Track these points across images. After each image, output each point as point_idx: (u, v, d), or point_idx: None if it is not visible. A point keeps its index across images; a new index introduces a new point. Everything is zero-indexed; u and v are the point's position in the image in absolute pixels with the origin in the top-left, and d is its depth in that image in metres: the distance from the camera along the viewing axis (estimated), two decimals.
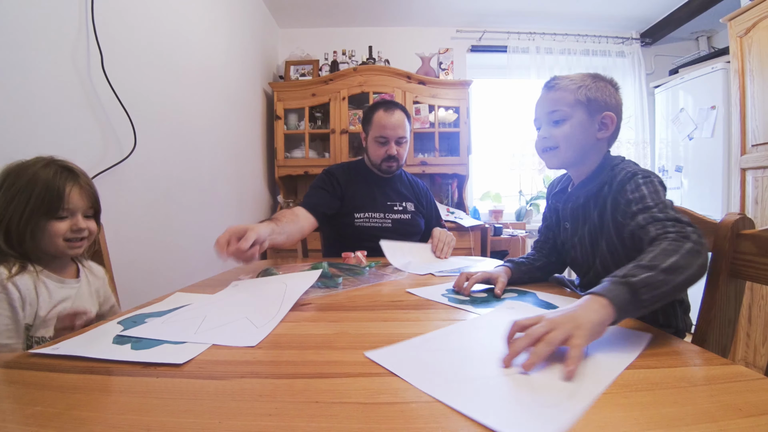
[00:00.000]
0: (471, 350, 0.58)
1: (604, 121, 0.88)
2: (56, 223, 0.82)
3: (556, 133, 0.91)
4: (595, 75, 0.92)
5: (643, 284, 0.58)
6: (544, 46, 3.17)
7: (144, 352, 0.57)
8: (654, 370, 0.50)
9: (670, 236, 0.67)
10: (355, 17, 3.10)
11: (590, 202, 0.92)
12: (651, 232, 0.72)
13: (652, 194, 0.78)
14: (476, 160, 3.09)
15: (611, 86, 0.92)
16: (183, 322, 0.71)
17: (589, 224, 0.93)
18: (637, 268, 0.60)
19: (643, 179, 0.81)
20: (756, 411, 0.39)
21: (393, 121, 1.52)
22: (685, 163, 2.74)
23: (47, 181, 0.80)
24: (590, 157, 0.92)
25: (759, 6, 2.00)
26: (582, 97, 0.88)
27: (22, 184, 0.79)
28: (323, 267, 1.12)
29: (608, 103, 0.89)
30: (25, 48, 1.00)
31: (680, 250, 0.63)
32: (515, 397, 0.44)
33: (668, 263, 0.60)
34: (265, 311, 0.76)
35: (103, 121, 1.26)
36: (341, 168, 1.66)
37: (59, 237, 0.83)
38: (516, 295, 0.88)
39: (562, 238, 1.03)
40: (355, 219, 1.56)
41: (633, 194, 0.80)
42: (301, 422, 0.39)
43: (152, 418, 0.40)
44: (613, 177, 0.86)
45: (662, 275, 0.59)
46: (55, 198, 0.81)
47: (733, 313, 0.73)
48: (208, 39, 2.00)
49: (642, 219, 0.75)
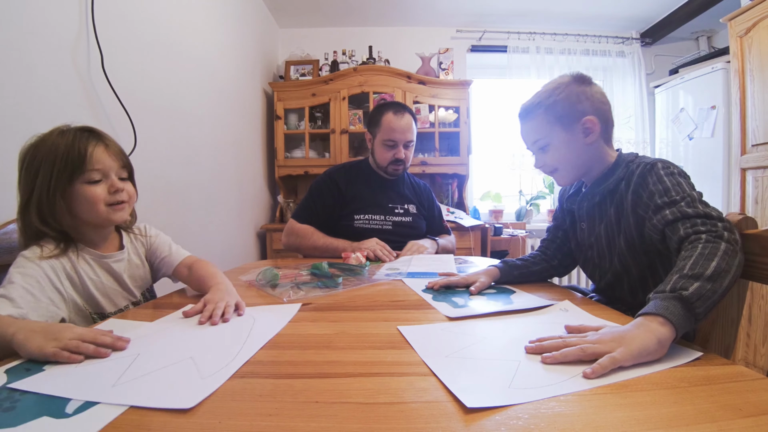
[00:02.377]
0: (496, 338, 0.62)
1: (585, 127, 0.88)
2: (91, 188, 0.77)
3: (548, 160, 0.93)
4: (558, 85, 0.90)
5: (697, 297, 0.55)
6: (544, 46, 3.16)
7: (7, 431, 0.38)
8: (654, 370, 0.49)
9: (703, 236, 0.64)
10: (355, 17, 3.10)
11: (606, 199, 0.91)
12: (680, 231, 0.68)
13: (676, 186, 0.75)
14: (476, 160, 3.09)
15: (579, 85, 0.90)
16: (101, 366, 0.53)
17: (606, 222, 0.91)
18: (683, 279, 0.57)
19: (664, 170, 0.79)
20: (756, 411, 0.39)
21: (402, 125, 1.52)
22: (685, 163, 2.74)
23: (67, 144, 0.76)
24: (594, 161, 0.92)
25: (759, 6, 2.00)
26: (552, 118, 0.89)
27: (43, 154, 0.75)
28: (323, 267, 1.12)
29: (581, 109, 0.88)
30: (25, 48, 1.00)
31: (718, 252, 0.60)
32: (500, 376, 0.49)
33: (711, 270, 0.58)
34: (220, 352, 0.57)
35: (103, 121, 1.26)
36: (343, 170, 1.66)
37: (99, 202, 0.78)
38: (494, 292, 0.92)
39: (578, 239, 1.01)
40: (355, 220, 1.56)
41: (656, 186, 0.77)
42: (301, 422, 0.39)
43: (152, 418, 0.40)
44: (630, 173, 0.85)
45: (709, 284, 0.56)
46: (77, 158, 0.76)
47: (735, 313, 0.73)
48: (209, 39, 2.00)
49: (670, 213, 0.72)
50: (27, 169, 0.76)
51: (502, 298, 0.87)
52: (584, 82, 0.91)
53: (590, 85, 0.91)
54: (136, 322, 0.72)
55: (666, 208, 0.74)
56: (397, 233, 1.58)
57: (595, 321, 0.69)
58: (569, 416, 0.40)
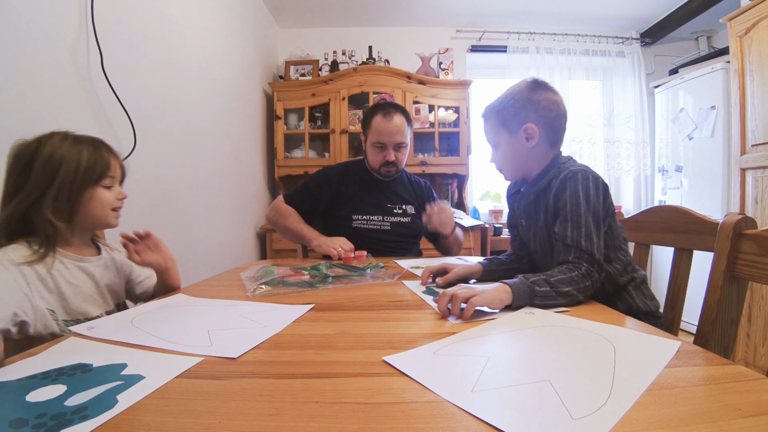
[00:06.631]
0: (492, 357, 0.55)
1: (527, 132, 0.95)
2: (104, 192, 0.86)
3: (496, 158, 1.04)
4: (511, 91, 0.98)
5: (541, 295, 0.77)
6: (544, 46, 3.16)
7: None
8: (653, 370, 0.49)
9: (567, 266, 0.83)
10: (355, 17, 3.10)
11: (540, 197, 0.98)
12: (556, 251, 0.88)
13: (579, 205, 0.86)
14: (476, 160, 3.09)
15: (530, 92, 0.95)
16: None
17: (541, 218, 0.98)
18: (543, 281, 0.79)
19: (582, 182, 0.87)
20: (756, 411, 0.39)
21: (391, 127, 1.50)
22: (685, 163, 2.74)
23: (90, 150, 0.84)
24: (534, 163, 0.99)
25: (759, 6, 2.00)
26: (499, 122, 0.99)
27: (61, 156, 0.80)
28: (321, 267, 1.12)
29: (524, 116, 0.95)
30: (25, 48, 1.00)
31: (573, 278, 0.80)
32: (543, 407, 0.41)
33: (564, 290, 0.79)
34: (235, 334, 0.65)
35: (103, 121, 1.26)
36: (339, 168, 1.66)
37: (108, 206, 0.87)
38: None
39: (521, 235, 1.09)
40: (353, 221, 1.56)
41: (569, 196, 0.87)
42: (301, 422, 0.39)
43: (152, 418, 0.40)
44: (559, 173, 0.93)
45: (554, 294, 0.78)
46: (104, 164, 0.85)
47: (735, 313, 0.73)
48: (208, 39, 2.00)
49: (557, 230, 0.88)
50: (45, 166, 0.79)
51: None
52: (536, 89, 0.96)
53: (542, 92, 0.96)
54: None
55: (562, 223, 0.87)
56: (396, 233, 1.57)
57: (592, 324, 0.69)
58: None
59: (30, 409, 0.41)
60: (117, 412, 0.40)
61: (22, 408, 0.41)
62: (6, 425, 0.38)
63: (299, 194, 1.61)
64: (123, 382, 0.47)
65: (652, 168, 3.20)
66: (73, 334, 0.65)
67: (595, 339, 0.60)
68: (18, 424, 0.38)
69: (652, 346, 0.57)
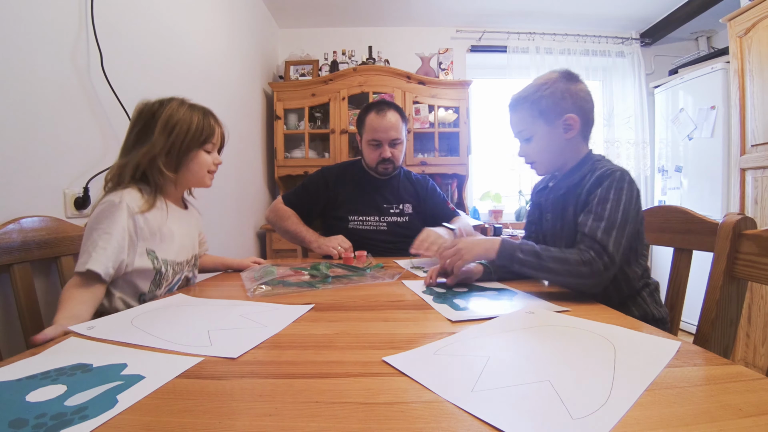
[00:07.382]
0: (492, 357, 0.55)
1: (567, 123, 0.94)
2: (205, 155, 1.00)
3: (529, 150, 1.01)
4: (546, 81, 0.96)
5: (521, 262, 0.85)
6: (544, 46, 3.17)
7: None
8: (653, 370, 0.49)
9: (577, 248, 0.83)
10: (355, 17, 3.10)
11: (571, 191, 0.96)
12: (579, 239, 0.87)
13: (610, 202, 0.85)
14: (476, 160, 3.09)
15: (566, 83, 0.94)
16: None
17: (569, 213, 0.96)
18: (532, 250, 0.85)
19: (618, 182, 0.87)
20: (756, 411, 0.39)
21: (385, 123, 1.50)
22: (684, 163, 2.74)
23: (200, 116, 0.98)
24: (569, 156, 0.98)
25: (759, 6, 2.00)
26: (536, 113, 0.96)
27: (179, 117, 0.94)
28: (321, 267, 1.12)
29: (564, 106, 0.94)
30: (25, 48, 0.99)
31: (569, 259, 0.81)
32: (543, 407, 0.41)
33: (549, 265, 0.82)
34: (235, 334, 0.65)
35: (103, 121, 1.26)
36: (336, 169, 1.67)
37: (205, 167, 1.01)
38: (496, 293, 0.91)
39: (544, 230, 1.06)
40: (350, 222, 1.55)
41: (602, 192, 0.87)
42: (301, 422, 0.39)
43: (152, 418, 0.40)
44: (593, 170, 0.92)
45: (537, 265, 0.83)
46: (210, 130, 0.99)
47: (734, 313, 0.73)
48: (208, 39, 2.00)
49: (581, 219, 0.88)
50: (164, 125, 0.93)
51: (503, 299, 0.86)
52: (571, 79, 0.96)
53: (576, 83, 0.95)
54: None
55: (590, 214, 0.86)
56: (393, 233, 1.57)
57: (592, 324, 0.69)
58: None
59: (30, 409, 0.41)
60: (117, 412, 0.40)
61: (22, 408, 0.41)
62: (6, 425, 0.38)
63: (298, 195, 1.61)
64: (123, 382, 0.47)
65: (651, 168, 3.20)
66: (73, 334, 0.65)
67: (595, 339, 0.60)
68: (18, 424, 0.38)
69: (652, 346, 0.57)
